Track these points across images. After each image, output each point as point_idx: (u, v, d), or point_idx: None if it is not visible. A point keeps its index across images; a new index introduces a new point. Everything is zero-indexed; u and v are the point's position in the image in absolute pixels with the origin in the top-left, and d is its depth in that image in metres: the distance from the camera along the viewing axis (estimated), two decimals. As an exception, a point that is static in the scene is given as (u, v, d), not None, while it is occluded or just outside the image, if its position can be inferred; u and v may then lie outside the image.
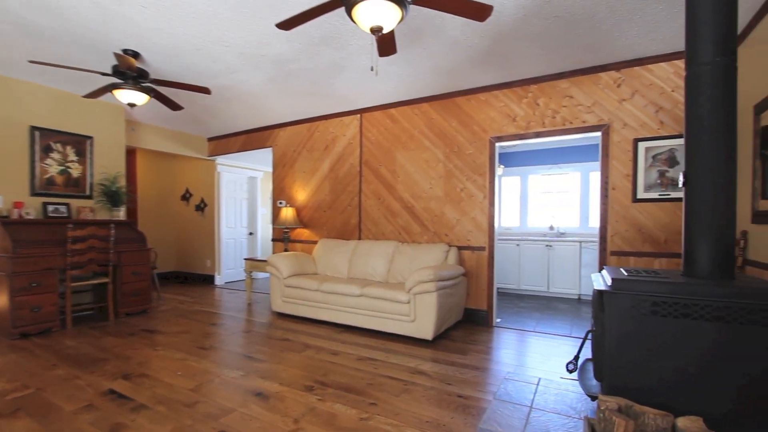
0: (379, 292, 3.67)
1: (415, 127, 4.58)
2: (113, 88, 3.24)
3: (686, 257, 1.66)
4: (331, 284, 3.98)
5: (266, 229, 7.69)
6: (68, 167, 4.43)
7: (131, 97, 3.19)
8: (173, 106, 3.81)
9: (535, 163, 6.48)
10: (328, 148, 5.25)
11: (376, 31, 2.08)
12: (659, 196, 3.41)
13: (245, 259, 5.18)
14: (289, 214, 5.27)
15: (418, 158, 4.56)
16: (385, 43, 2.54)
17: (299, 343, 3.45)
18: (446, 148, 4.39)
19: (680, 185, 1.72)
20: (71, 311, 4.00)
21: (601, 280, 1.77)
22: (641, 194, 3.47)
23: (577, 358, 1.88)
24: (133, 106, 3.30)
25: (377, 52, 2.72)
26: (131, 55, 3.15)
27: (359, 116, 4.98)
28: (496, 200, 4.15)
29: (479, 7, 2.10)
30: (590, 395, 1.66)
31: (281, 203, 5.61)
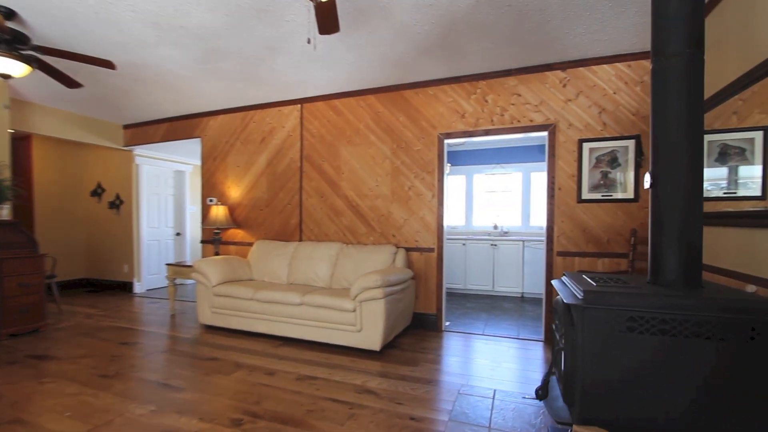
0: (321, 300, 3.33)
1: (360, 120, 4.28)
2: (-22, 54, 2.55)
3: (653, 264, 1.56)
4: (268, 292, 3.56)
5: (196, 229, 6.95)
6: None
7: (3, 66, 2.53)
8: (68, 82, 3.14)
9: (480, 162, 6.50)
10: (265, 140, 4.77)
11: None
12: (602, 196, 3.45)
13: (167, 264, 4.54)
14: (220, 213, 4.72)
15: (363, 154, 4.27)
16: (325, 14, 2.21)
17: (229, 362, 3.01)
18: (393, 143, 4.15)
19: (647, 186, 1.61)
20: (-71, 336, 3.18)
21: (566, 290, 1.62)
22: (586, 195, 3.49)
23: (546, 383, 1.73)
24: (7, 77, 2.62)
25: (317, 29, 2.38)
26: (3, 13, 2.49)
27: (300, 107, 4.57)
28: (445, 199, 4.00)
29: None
30: (560, 422, 1.50)
31: (211, 201, 5.03)
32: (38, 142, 5.69)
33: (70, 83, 3.16)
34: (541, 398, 1.78)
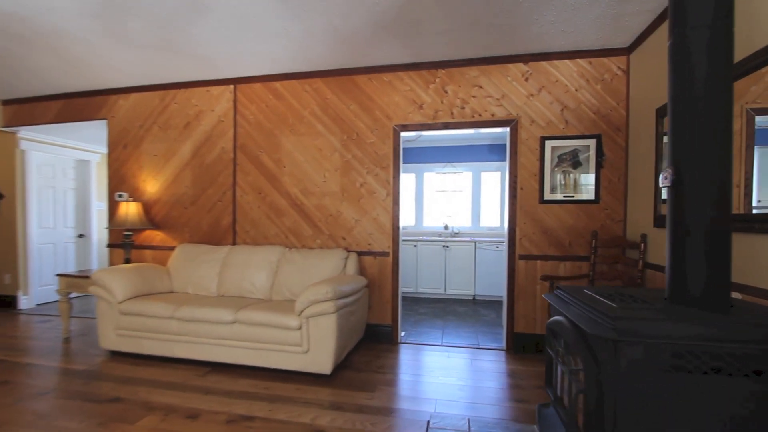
0: (260, 316, 2.79)
1: (305, 106, 3.76)
2: None
3: (674, 278, 1.31)
4: (192, 308, 2.93)
5: (105, 231, 5.88)
6: None
7: None
8: None
9: (430, 160, 6.26)
10: (190, 125, 4.04)
11: None
12: (564, 197, 3.31)
13: (58, 275, 3.64)
14: (131, 211, 3.91)
15: (309, 145, 3.76)
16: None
17: (137, 403, 2.36)
18: (344, 134, 3.69)
19: (665, 184, 1.36)
20: None
21: (573, 310, 1.31)
22: (548, 195, 3.33)
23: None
24: None
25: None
26: None
27: (233, 88, 3.92)
28: (401, 198, 3.63)
29: None
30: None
31: (121, 196, 4.17)
32: None
33: None
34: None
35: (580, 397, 1.24)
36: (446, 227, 6.10)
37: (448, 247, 5.42)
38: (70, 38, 3.05)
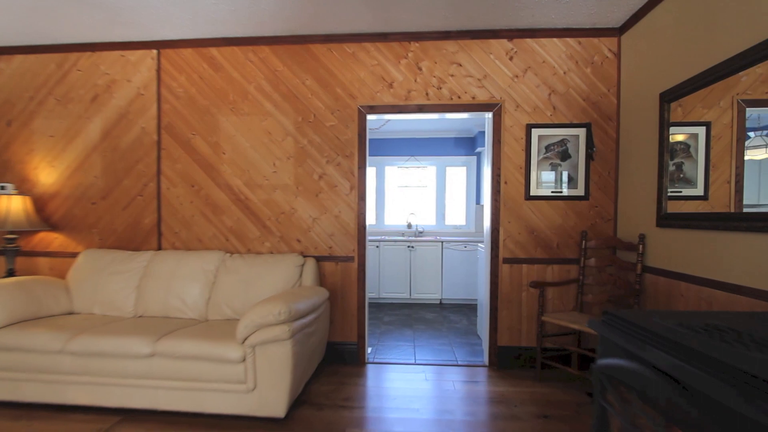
0: (187, 346, 2.11)
1: (250, 80, 3.08)
2: None
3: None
4: (91, 338, 2.18)
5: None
6: None
7: None
8: None
9: (392, 153, 5.76)
10: (99, 99, 3.18)
11: None
12: (552, 193, 2.95)
13: None
14: (16, 207, 3.00)
15: (255, 127, 3.09)
16: None
17: (-6, 489, 1.61)
18: (298, 115, 3.07)
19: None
20: None
21: (662, 357, 0.86)
22: (534, 191, 2.96)
23: None
24: None
25: None
26: None
27: (156, 53, 3.13)
28: (367, 192, 3.10)
29: None
30: None
31: (2, 188, 3.21)
32: None
33: None
34: None
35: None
36: (410, 226, 5.64)
37: (413, 247, 4.96)
38: None
